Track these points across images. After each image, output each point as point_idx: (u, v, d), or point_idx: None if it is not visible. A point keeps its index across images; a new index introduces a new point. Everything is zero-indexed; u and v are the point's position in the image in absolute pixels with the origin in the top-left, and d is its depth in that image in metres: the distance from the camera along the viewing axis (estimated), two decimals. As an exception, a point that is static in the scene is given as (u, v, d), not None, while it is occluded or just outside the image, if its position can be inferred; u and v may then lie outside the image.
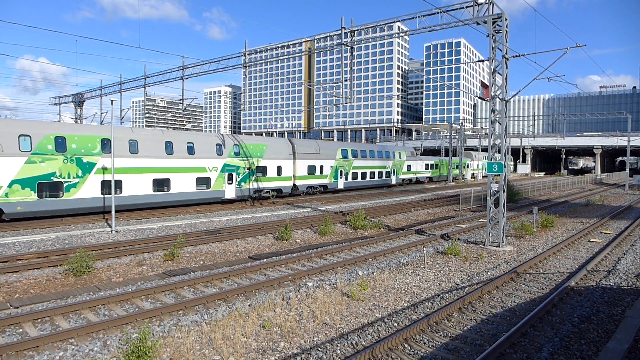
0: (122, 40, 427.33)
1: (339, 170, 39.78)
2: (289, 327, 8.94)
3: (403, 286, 12.04)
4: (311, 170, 36.55)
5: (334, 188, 39.73)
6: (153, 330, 8.62)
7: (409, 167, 52.83)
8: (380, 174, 46.73)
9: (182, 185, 26.62)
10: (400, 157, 50.70)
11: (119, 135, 23.82)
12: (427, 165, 57.92)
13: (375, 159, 46.30)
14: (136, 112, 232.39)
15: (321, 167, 37.38)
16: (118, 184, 23.41)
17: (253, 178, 31.28)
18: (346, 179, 40.94)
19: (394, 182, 49.42)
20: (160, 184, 25.52)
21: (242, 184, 30.41)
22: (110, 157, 21.87)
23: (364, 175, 43.81)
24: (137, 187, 24.46)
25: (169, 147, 26.21)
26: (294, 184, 35.19)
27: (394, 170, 49.16)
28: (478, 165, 76.41)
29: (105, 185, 22.99)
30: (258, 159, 31.74)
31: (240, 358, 7.67)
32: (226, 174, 29.35)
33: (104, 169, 22.88)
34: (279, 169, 33.62)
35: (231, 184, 29.69)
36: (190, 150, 27.32)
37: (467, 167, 71.58)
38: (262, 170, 32.16)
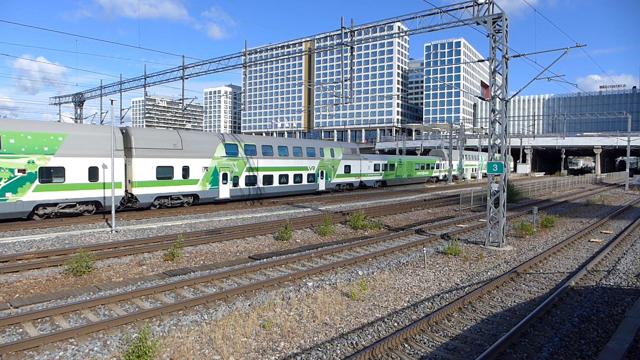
0: (121, 39, 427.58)
1: (222, 173, 28.97)
2: (289, 327, 8.94)
3: (403, 286, 12.04)
4: (164, 172, 25.72)
5: (212, 198, 28.66)
6: (153, 330, 8.62)
7: (347, 167, 41.67)
8: (297, 177, 35.30)
9: None
10: (332, 156, 39.59)
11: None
12: (377, 166, 47.21)
13: (288, 157, 34.82)
14: (136, 112, 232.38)
15: (185, 168, 26.15)
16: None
17: (32, 185, 20.61)
18: (235, 184, 29.94)
19: (322, 187, 38.24)
20: None
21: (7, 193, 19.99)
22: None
23: (267, 179, 32.52)
24: None
25: None
26: (130, 194, 24.66)
27: (321, 172, 37.96)
28: (452, 165, 65.06)
29: None
30: (44, 155, 21.11)
31: (240, 358, 7.67)
32: None
33: None
34: (92, 172, 22.68)
35: None
36: None
37: (436, 167, 61.49)
38: (55, 173, 21.52)
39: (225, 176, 29.31)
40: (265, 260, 14.62)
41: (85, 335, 8.39)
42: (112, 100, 21.11)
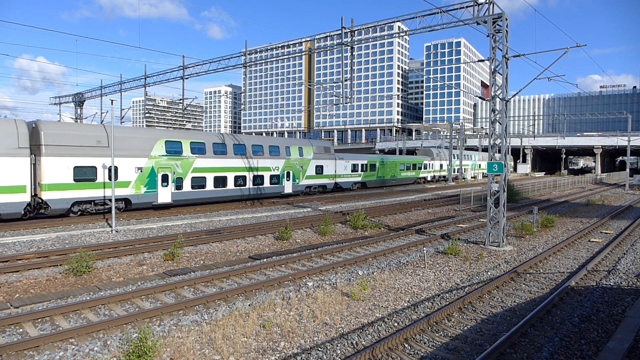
0: (120, 39, 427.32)
1: (161, 175, 25.47)
2: (289, 327, 8.94)
3: (403, 286, 12.04)
4: (85, 174, 22.44)
5: (148, 203, 25.11)
6: (153, 330, 8.62)
7: (319, 168, 37.78)
8: (257, 179, 31.63)
9: None
10: (301, 155, 35.72)
11: None
12: (355, 166, 43.29)
13: (246, 156, 31.02)
14: (136, 112, 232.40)
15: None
16: None
17: None
18: (178, 187, 26.36)
19: (288, 190, 34.43)
20: None
21: None
22: None
23: (220, 181, 28.91)
24: None
25: None
26: (39, 198, 21.21)
27: (288, 173, 34.28)
28: (441, 165, 62.33)
29: None
30: None
31: (241, 358, 7.68)
32: None
33: None
34: None
35: None
36: None
37: (424, 168, 57.88)
38: None
39: (165, 178, 25.72)
40: (265, 260, 14.62)
41: (86, 335, 8.40)
42: (112, 100, 21.13)
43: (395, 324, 9.27)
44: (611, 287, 11.97)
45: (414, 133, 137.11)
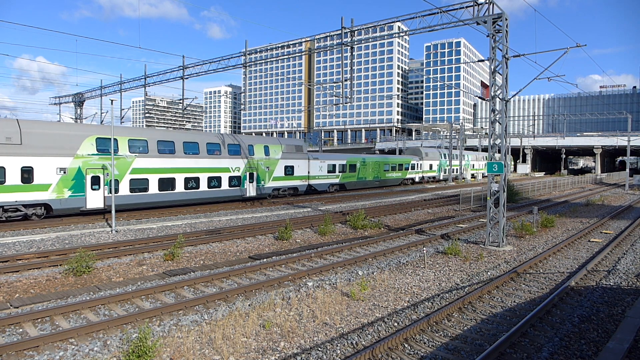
0: (120, 39, 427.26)
1: (90, 177, 22.49)
2: (289, 327, 8.94)
3: (403, 286, 12.04)
4: None
5: (76, 208, 22.35)
6: (153, 330, 8.62)
7: (289, 169, 34.57)
8: (212, 180, 28.29)
9: None
10: (267, 154, 32.53)
11: None
12: (332, 166, 39.99)
13: (199, 155, 27.75)
14: (136, 112, 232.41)
15: (26, 169, 20.22)
16: None
17: None
18: (115, 190, 23.15)
19: (251, 193, 31.11)
20: None
21: None
22: None
23: (166, 183, 25.74)
24: None
25: None
26: None
27: (251, 174, 31.01)
28: (431, 165, 58.72)
29: None
30: None
31: (241, 358, 7.68)
32: None
33: None
34: None
35: None
36: None
37: (412, 168, 54.11)
38: None
39: (96, 180, 22.64)
40: (265, 260, 14.62)
41: (86, 335, 8.40)
42: (112, 100, 21.15)
43: (395, 324, 9.27)
44: (611, 287, 11.97)
45: (414, 133, 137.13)
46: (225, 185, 29.22)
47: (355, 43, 22.51)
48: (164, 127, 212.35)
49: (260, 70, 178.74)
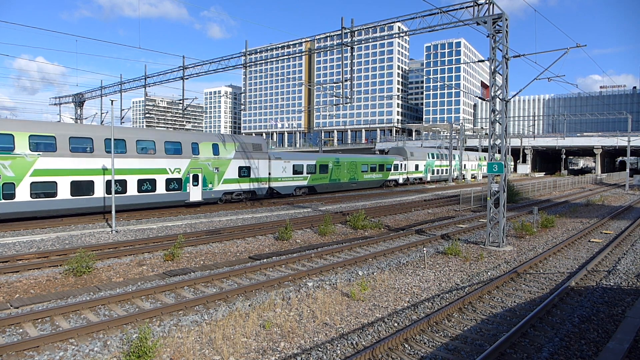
0: (120, 39, 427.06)
1: None
2: (289, 327, 8.94)
3: (403, 286, 12.04)
4: None
5: None
6: (153, 330, 8.62)
7: (244, 170, 30.87)
8: (144, 184, 24.93)
9: None
10: (216, 153, 28.89)
11: None
12: (298, 167, 36.27)
13: (127, 154, 24.23)
14: (136, 112, 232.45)
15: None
16: None
17: None
18: (9, 196, 19.88)
19: (195, 197, 27.58)
20: None
21: None
22: None
23: (83, 187, 22.30)
24: None
25: None
26: None
27: (195, 176, 27.48)
28: (417, 166, 54.64)
29: None
30: None
31: (241, 358, 7.68)
32: None
33: None
34: None
35: None
36: None
37: (395, 169, 50.34)
38: None
39: None
40: (265, 260, 14.62)
41: (86, 335, 8.40)
42: (112, 101, 21.14)
43: (395, 324, 9.27)
44: (611, 287, 11.97)
45: (414, 133, 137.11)
46: (161, 189, 25.63)
47: (356, 43, 22.52)
48: (164, 127, 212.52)
49: (261, 70, 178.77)
